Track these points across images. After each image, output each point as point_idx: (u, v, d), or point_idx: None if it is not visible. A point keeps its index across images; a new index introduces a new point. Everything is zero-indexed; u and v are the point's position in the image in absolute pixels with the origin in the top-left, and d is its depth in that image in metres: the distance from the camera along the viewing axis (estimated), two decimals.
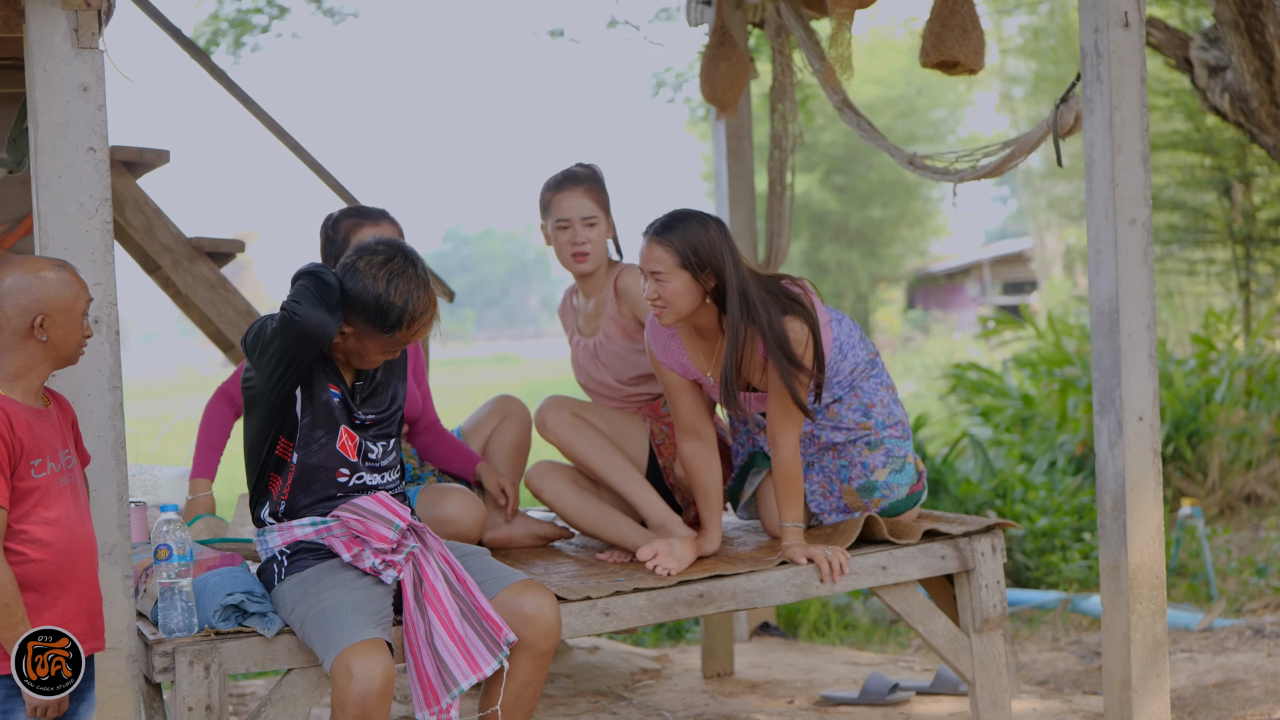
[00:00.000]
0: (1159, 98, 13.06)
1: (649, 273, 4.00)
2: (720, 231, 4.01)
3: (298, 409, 3.60)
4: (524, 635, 3.59)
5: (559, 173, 4.72)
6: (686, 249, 3.96)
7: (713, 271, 3.97)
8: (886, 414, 4.31)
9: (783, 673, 5.56)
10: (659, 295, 3.99)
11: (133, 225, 5.26)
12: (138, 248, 5.35)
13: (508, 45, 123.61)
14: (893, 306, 28.97)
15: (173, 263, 5.27)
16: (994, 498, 8.59)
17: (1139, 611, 4.22)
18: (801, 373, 3.99)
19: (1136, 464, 4.21)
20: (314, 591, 3.51)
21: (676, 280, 3.97)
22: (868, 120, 5.37)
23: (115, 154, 5.22)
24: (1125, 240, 4.19)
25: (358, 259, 3.55)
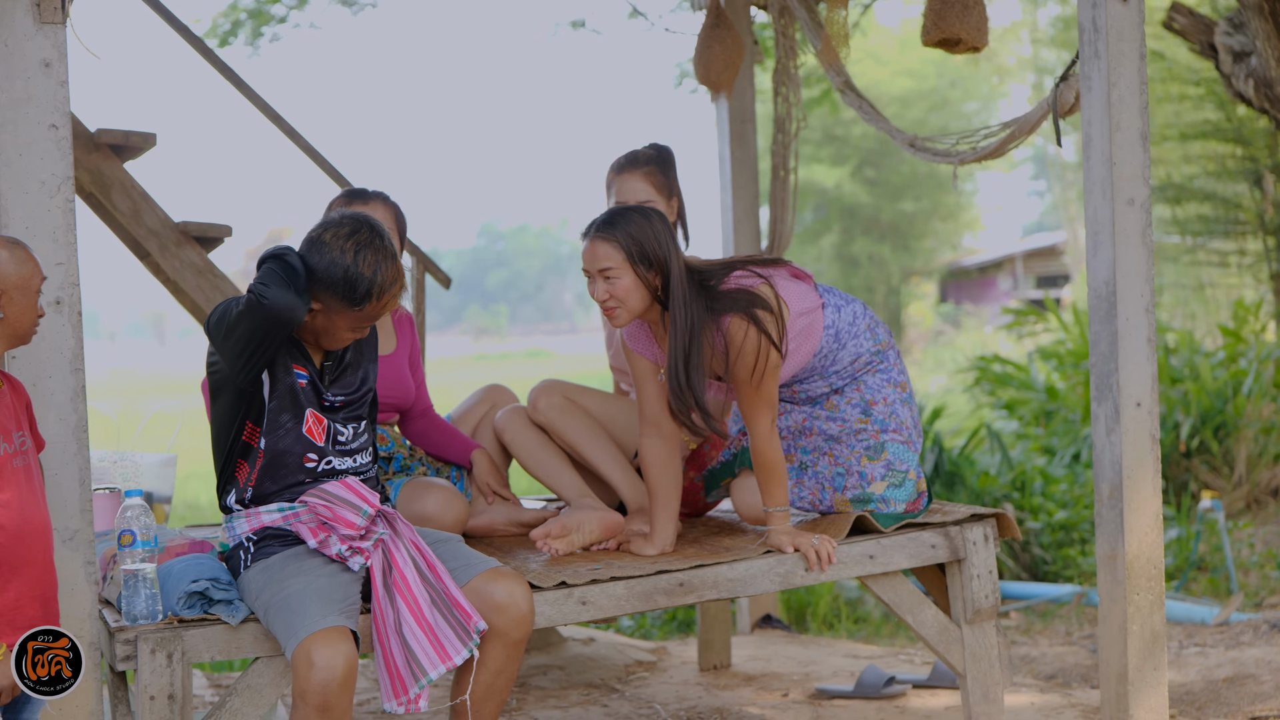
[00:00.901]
0: (1189, 86, 12.88)
1: (596, 272, 3.90)
2: (663, 226, 3.92)
3: (265, 393, 3.53)
4: (495, 624, 3.50)
5: (626, 153, 4.67)
6: (631, 244, 3.87)
7: (658, 268, 3.89)
8: (889, 413, 4.14)
9: (781, 665, 5.46)
10: (610, 295, 3.89)
11: (119, 210, 5.20)
12: (126, 233, 5.29)
13: (530, 36, 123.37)
14: (925, 300, 28.80)
15: (160, 248, 5.21)
16: (1012, 490, 8.47)
17: (1136, 603, 4.11)
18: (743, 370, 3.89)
19: (1134, 451, 4.09)
20: (278, 578, 3.44)
21: (626, 277, 3.88)
22: (869, 103, 5.26)
23: (101, 137, 5.18)
24: (1123, 221, 4.08)
25: (323, 232, 3.48)
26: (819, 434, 4.17)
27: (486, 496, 4.50)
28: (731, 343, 3.88)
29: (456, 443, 4.60)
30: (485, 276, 70.17)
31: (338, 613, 3.34)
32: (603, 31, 16.86)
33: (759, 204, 6.15)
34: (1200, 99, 12.73)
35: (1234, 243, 13.40)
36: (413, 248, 6.19)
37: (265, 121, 5.69)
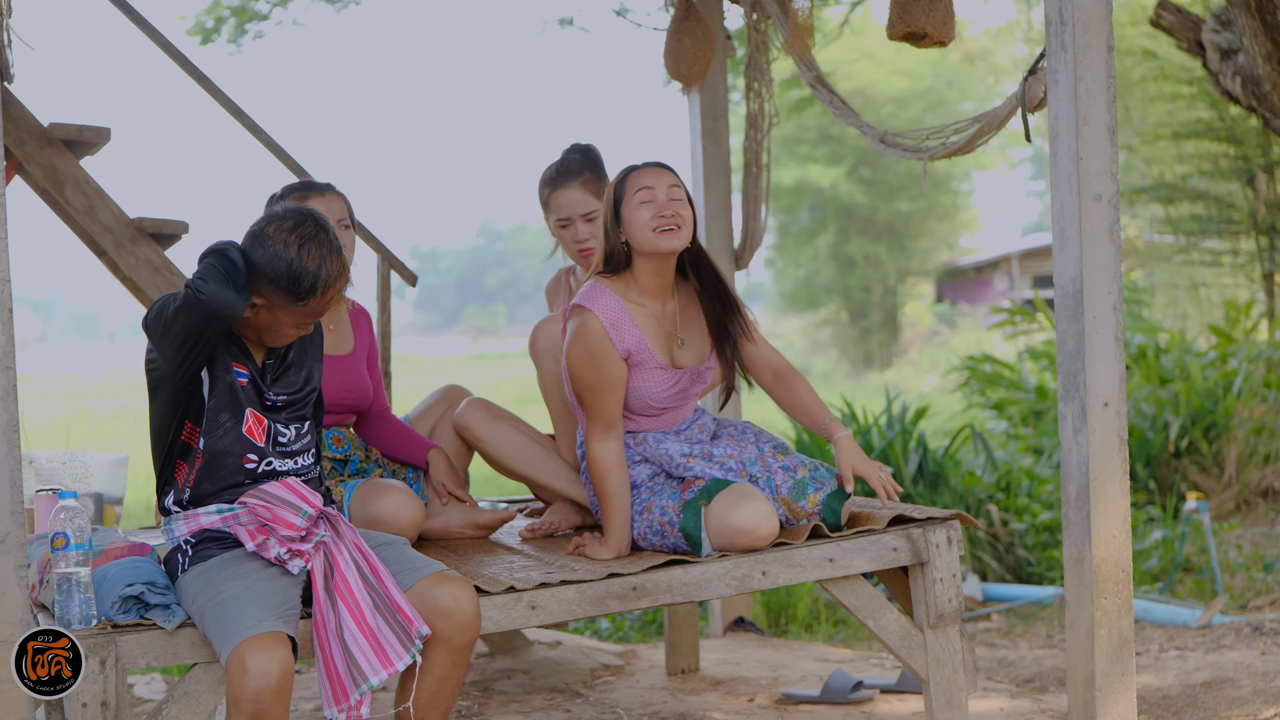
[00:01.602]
0: (1182, 86, 12.81)
1: (667, 188, 3.99)
2: None
3: (204, 391, 3.44)
4: (440, 629, 3.41)
5: (553, 166, 4.62)
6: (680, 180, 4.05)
7: (693, 214, 4.05)
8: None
9: (750, 670, 5.37)
10: (677, 214, 3.96)
11: (73, 206, 5.11)
12: (82, 230, 5.21)
13: (520, 33, 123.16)
14: (922, 301, 28.71)
15: (115, 244, 5.12)
16: (997, 491, 8.38)
17: (1104, 606, 4.01)
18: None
19: (1101, 452, 4.00)
20: (215, 582, 3.35)
21: (690, 206, 4.02)
22: (841, 98, 5.17)
23: (53, 131, 5.09)
24: (1090, 217, 3.98)
25: (266, 225, 3.39)
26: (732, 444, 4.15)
27: (442, 498, 4.42)
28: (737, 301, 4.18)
29: (413, 443, 4.51)
30: (484, 276, 70.13)
31: (274, 618, 3.25)
32: (591, 29, 16.72)
33: (732, 201, 6.06)
34: (1193, 98, 12.66)
35: (1227, 242, 13.32)
36: (377, 244, 6.11)
37: (225, 116, 5.60)
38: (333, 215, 4.35)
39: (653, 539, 3.98)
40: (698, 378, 4.11)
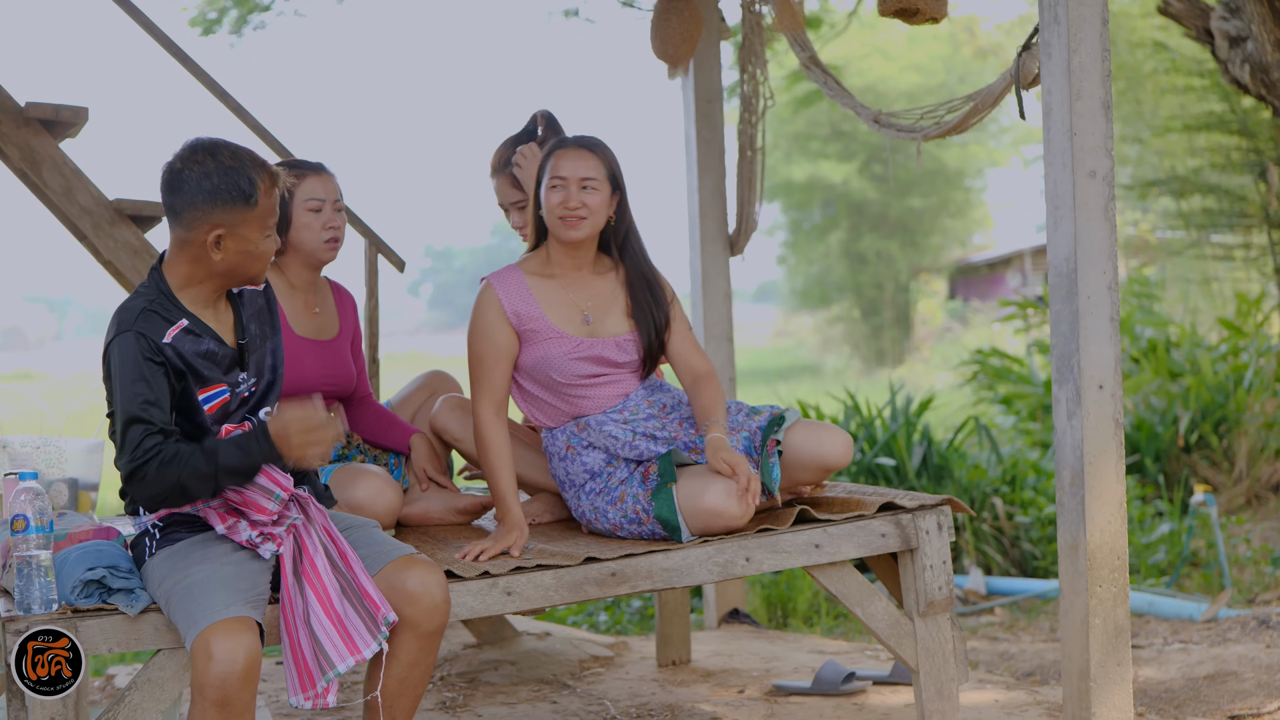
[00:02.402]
0: (1193, 78, 12.67)
1: (579, 179, 3.97)
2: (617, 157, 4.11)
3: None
4: (407, 615, 3.32)
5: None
6: (612, 165, 4.04)
7: (618, 193, 4.04)
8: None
9: (743, 661, 5.27)
10: (584, 204, 3.96)
11: (50, 187, 5.02)
12: (62, 212, 5.12)
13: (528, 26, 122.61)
14: (935, 298, 28.56)
15: (93, 226, 5.03)
16: (1002, 484, 8.26)
17: (1099, 595, 3.91)
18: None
19: (1096, 436, 3.90)
20: (182, 565, 3.26)
21: (603, 191, 3.99)
22: (834, 78, 5.07)
23: (30, 111, 5.00)
24: (1084, 194, 3.88)
25: (174, 167, 3.28)
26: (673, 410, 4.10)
27: (422, 483, 4.33)
28: (666, 290, 4.14)
29: (395, 429, 4.42)
30: None
31: (242, 602, 3.16)
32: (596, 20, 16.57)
33: (726, 186, 5.95)
34: (1204, 90, 12.53)
35: (1239, 236, 13.18)
36: (365, 229, 6.01)
37: (208, 97, 5.52)
38: (328, 195, 4.27)
39: (630, 528, 3.89)
40: (618, 349, 4.05)
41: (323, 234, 4.26)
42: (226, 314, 3.43)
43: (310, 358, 4.27)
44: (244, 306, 3.46)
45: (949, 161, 27.11)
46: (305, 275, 4.34)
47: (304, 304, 4.35)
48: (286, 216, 4.27)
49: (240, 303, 3.45)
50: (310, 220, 4.25)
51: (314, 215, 4.25)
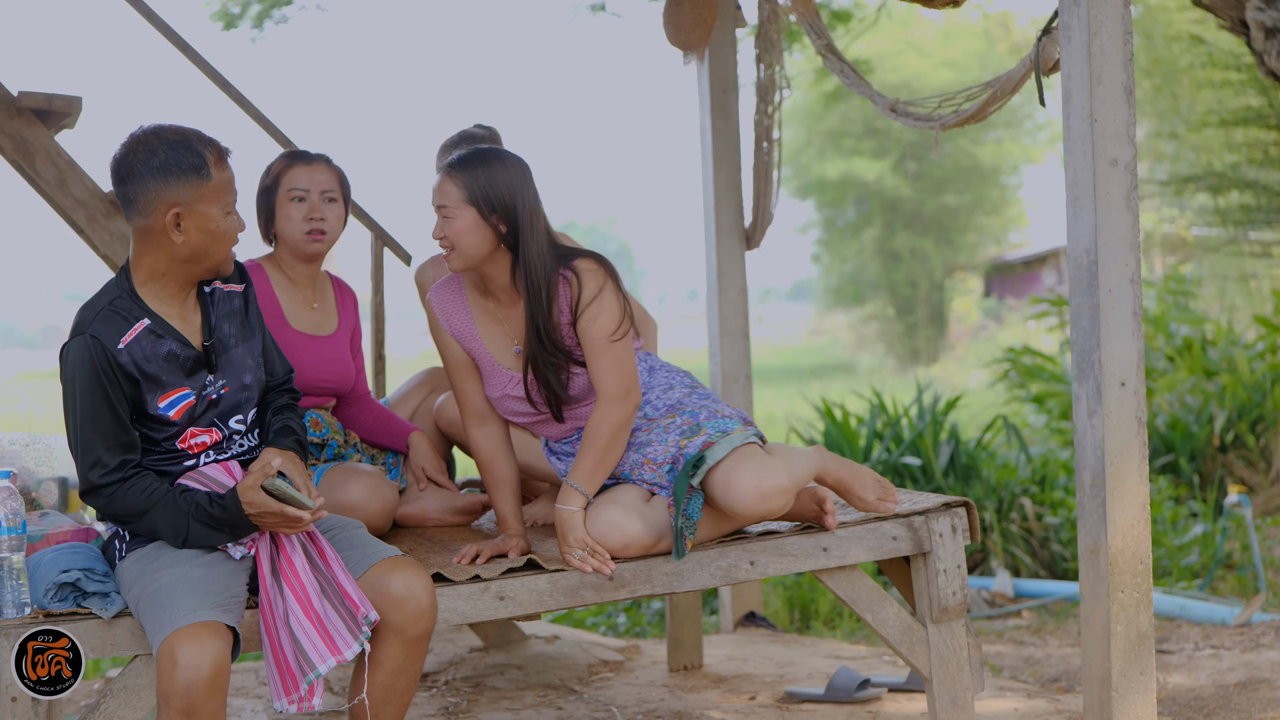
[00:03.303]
0: (1231, 72, 12.46)
1: (437, 208, 3.60)
2: (520, 173, 3.59)
3: None
4: (392, 619, 3.18)
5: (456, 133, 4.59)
6: (474, 184, 3.54)
7: (503, 215, 3.55)
8: (697, 404, 3.74)
9: (757, 666, 5.12)
10: (445, 235, 3.57)
11: (43, 179, 4.91)
12: (56, 204, 5.01)
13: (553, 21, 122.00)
14: (970, 296, 28.32)
15: (88, 219, 4.91)
16: (1032, 484, 8.09)
17: (1120, 601, 3.75)
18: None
19: (1118, 435, 3.73)
20: (151, 569, 3.13)
21: (463, 217, 3.54)
22: (851, 66, 4.92)
23: (22, 100, 4.89)
24: (1105, 183, 3.72)
25: (123, 159, 3.17)
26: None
27: (420, 482, 4.19)
28: (586, 286, 3.56)
29: (393, 426, 4.30)
30: None
31: (211, 606, 3.03)
32: (623, 15, 16.37)
33: (742, 178, 5.80)
34: (1242, 84, 12.32)
35: (1277, 232, 12.97)
36: (370, 222, 5.89)
37: (209, 87, 5.40)
38: (314, 186, 4.16)
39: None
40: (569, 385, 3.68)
41: (304, 225, 4.13)
42: (195, 314, 3.30)
43: (306, 353, 4.15)
44: (215, 306, 3.33)
45: (984, 159, 26.86)
46: (299, 268, 4.22)
47: (301, 299, 4.23)
48: (272, 207, 4.16)
49: (211, 302, 3.33)
50: (291, 211, 4.13)
51: (296, 205, 4.13)
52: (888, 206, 27.04)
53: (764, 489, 3.44)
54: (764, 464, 3.48)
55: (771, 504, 3.46)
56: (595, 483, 3.54)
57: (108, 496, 3.14)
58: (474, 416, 3.76)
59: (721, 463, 3.48)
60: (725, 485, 3.46)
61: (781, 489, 3.46)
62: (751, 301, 5.94)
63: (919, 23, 26.39)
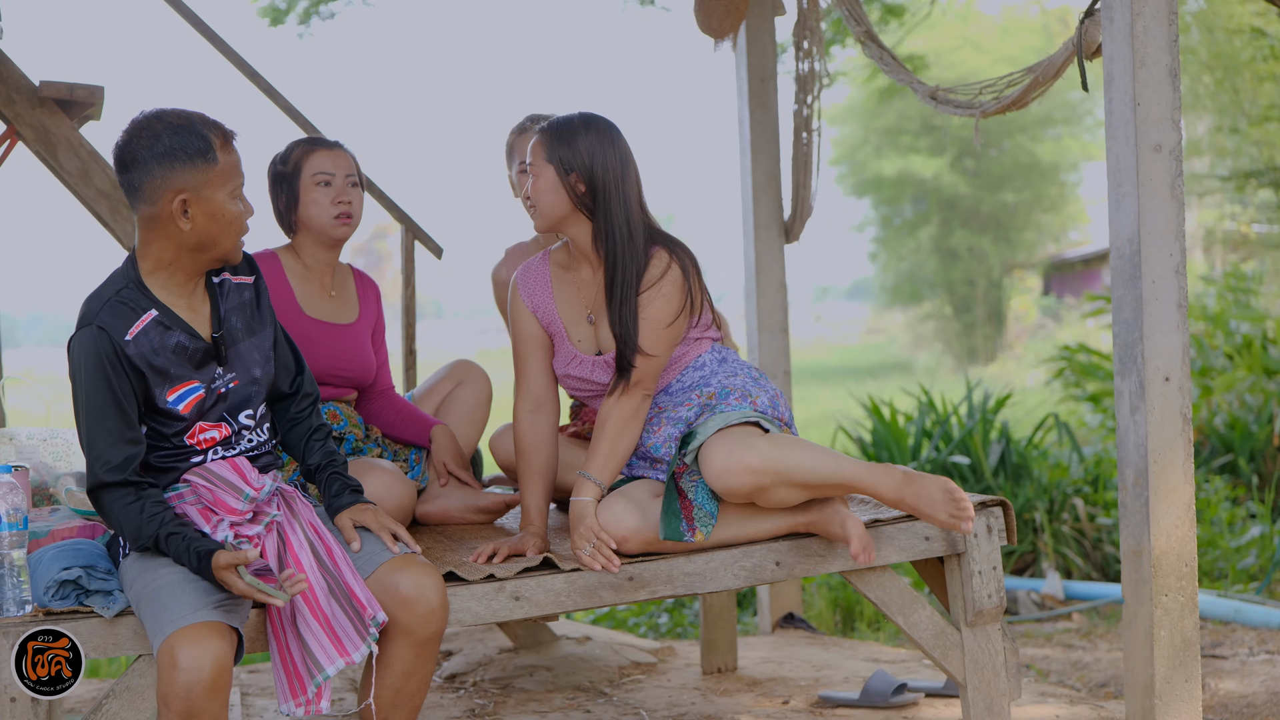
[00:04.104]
0: None
1: (528, 167, 3.62)
2: (602, 137, 3.55)
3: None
4: (401, 620, 3.08)
5: (526, 118, 4.39)
6: (555, 143, 3.55)
7: (582, 175, 3.53)
8: (735, 388, 3.64)
9: (793, 670, 4.99)
10: (528, 193, 3.61)
11: (66, 169, 4.84)
12: (79, 195, 4.94)
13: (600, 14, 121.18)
14: (1029, 294, 28.00)
15: (110, 210, 4.84)
16: (1084, 484, 7.91)
17: (1164, 605, 3.60)
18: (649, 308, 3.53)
19: (1162, 432, 3.59)
20: (152, 567, 3.04)
21: (543, 175, 3.55)
22: (890, 53, 4.78)
23: (44, 90, 4.83)
24: (1149, 169, 3.57)
25: (127, 145, 3.08)
26: (671, 421, 3.63)
27: (441, 478, 4.09)
28: (650, 270, 3.53)
29: (416, 422, 4.20)
30: None
31: (212, 606, 2.93)
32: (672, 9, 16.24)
33: (780, 168, 5.67)
34: None
35: None
36: (401, 214, 5.80)
37: (236, 76, 5.34)
38: (338, 170, 4.09)
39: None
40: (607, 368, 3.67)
41: (332, 209, 4.06)
42: (204, 305, 3.21)
43: (321, 340, 4.06)
44: (224, 298, 3.24)
45: (1043, 156, 26.57)
46: (320, 256, 4.13)
47: (319, 286, 4.14)
48: (295, 193, 4.08)
49: (221, 294, 3.24)
50: (318, 195, 4.06)
51: (322, 190, 4.06)
52: (945, 204, 26.80)
53: (729, 463, 3.32)
54: (741, 441, 3.36)
55: (734, 480, 3.33)
56: (607, 472, 3.49)
57: (112, 499, 3.05)
58: (530, 400, 3.69)
59: (710, 439, 3.39)
60: (703, 460, 3.37)
61: (748, 467, 3.31)
62: (808, 300, 5.87)
63: (976, 18, 26.15)
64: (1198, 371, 9.51)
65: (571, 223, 3.59)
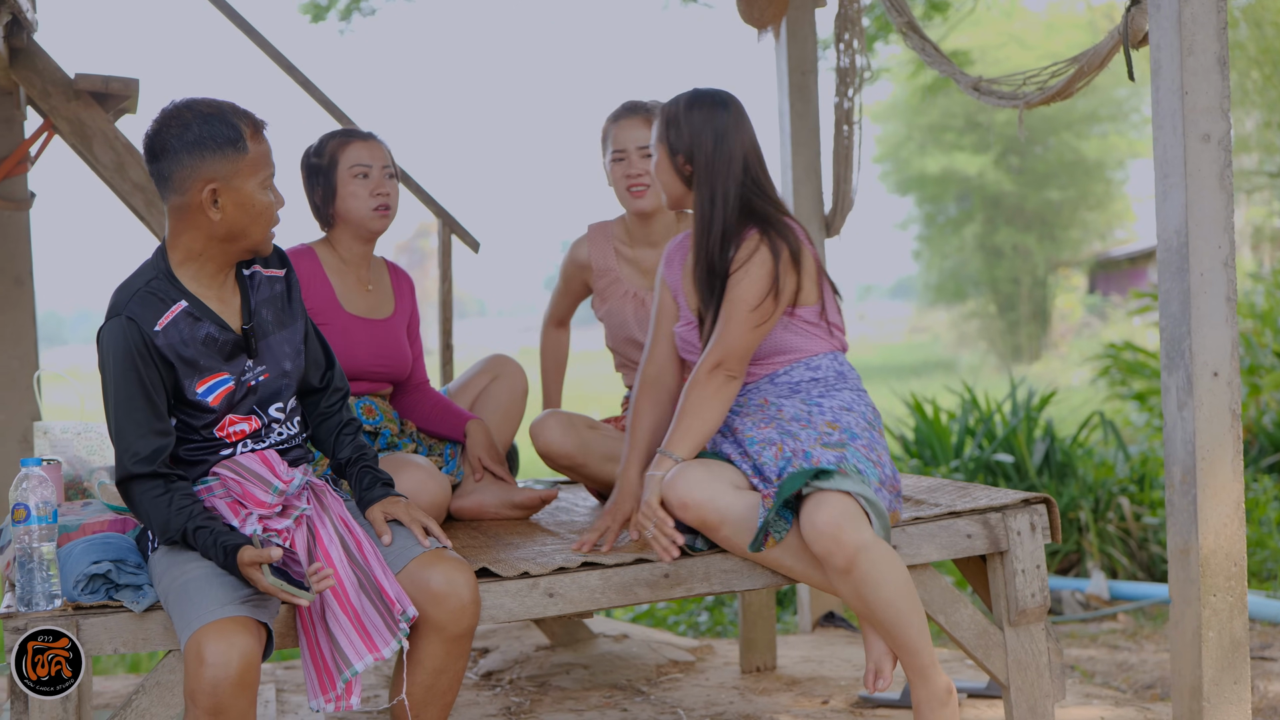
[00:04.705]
0: None
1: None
2: (711, 116, 3.51)
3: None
4: (432, 616, 3.04)
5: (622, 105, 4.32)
6: (665, 124, 3.56)
7: (687, 156, 3.52)
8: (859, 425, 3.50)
9: (833, 669, 4.93)
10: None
11: (101, 163, 4.82)
12: (114, 189, 4.92)
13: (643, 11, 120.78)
14: (1074, 293, 27.79)
15: (146, 204, 4.82)
16: (1130, 483, 7.81)
17: (1213, 605, 3.52)
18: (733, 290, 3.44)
19: (1210, 428, 3.50)
20: (181, 560, 3.00)
21: (656, 155, 3.59)
22: (933, 44, 4.71)
23: (79, 83, 4.81)
24: (1197, 159, 3.49)
25: (157, 135, 3.04)
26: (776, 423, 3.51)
27: (476, 473, 4.05)
28: (739, 251, 3.46)
29: (451, 416, 4.15)
30: None
31: (240, 601, 2.89)
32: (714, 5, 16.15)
33: (821, 162, 5.60)
34: None
35: None
36: (438, 208, 5.76)
37: (272, 69, 5.31)
38: (375, 161, 4.05)
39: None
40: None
41: (371, 201, 4.02)
42: (234, 296, 3.17)
43: (360, 336, 4.03)
44: (255, 290, 3.20)
45: (1089, 153, 26.36)
46: (357, 249, 4.10)
47: (356, 280, 4.11)
48: (332, 186, 4.04)
49: (251, 285, 3.20)
50: (356, 188, 4.02)
51: (360, 182, 4.02)
52: (989, 202, 26.62)
53: (842, 527, 3.16)
54: (860, 516, 3.20)
55: (829, 558, 3.17)
56: (685, 448, 3.41)
57: (140, 491, 3.02)
58: (654, 365, 3.68)
59: (828, 490, 3.21)
60: (816, 504, 3.19)
61: (859, 543, 3.15)
62: (852, 298, 5.80)
63: (1021, 15, 25.95)
64: (1246, 370, 9.40)
65: (690, 201, 3.59)
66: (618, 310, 4.30)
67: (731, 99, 3.57)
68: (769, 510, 3.23)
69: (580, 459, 4.10)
